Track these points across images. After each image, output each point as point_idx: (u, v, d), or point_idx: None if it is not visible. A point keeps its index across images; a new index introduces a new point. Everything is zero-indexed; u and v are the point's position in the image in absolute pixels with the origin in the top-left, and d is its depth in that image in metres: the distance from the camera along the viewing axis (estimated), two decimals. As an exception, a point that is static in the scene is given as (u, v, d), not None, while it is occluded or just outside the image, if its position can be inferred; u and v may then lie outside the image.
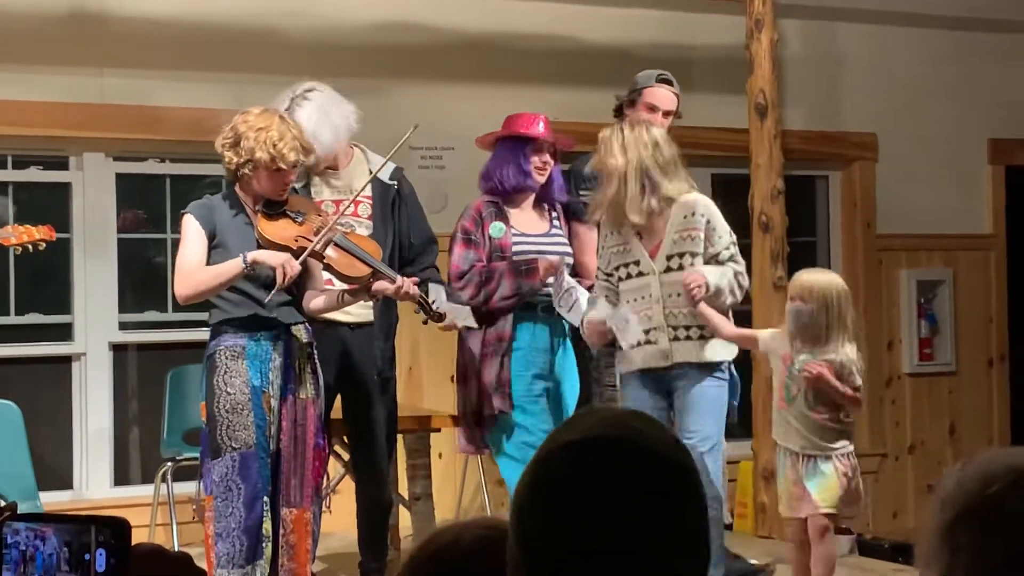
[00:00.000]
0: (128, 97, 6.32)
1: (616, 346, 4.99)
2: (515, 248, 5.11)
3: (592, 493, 1.36)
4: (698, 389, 4.89)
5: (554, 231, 5.22)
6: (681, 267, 4.90)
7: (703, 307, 4.80)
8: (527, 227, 5.17)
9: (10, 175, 6.41)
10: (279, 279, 4.28)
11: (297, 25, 6.58)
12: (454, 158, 6.71)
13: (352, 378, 4.97)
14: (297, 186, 4.86)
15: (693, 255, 4.90)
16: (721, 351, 4.93)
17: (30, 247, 4.86)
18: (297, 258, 4.40)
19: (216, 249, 4.43)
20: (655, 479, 1.37)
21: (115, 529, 1.33)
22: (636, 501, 1.36)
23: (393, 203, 5.08)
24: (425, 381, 6.75)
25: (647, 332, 4.92)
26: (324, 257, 4.49)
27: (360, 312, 4.96)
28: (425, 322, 4.83)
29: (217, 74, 6.45)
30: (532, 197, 5.20)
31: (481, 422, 5.09)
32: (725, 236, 4.96)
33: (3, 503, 4.41)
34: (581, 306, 4.99)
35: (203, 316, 6.72)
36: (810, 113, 7.58)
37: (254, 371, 4.36)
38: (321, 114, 4.90)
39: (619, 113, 5.60)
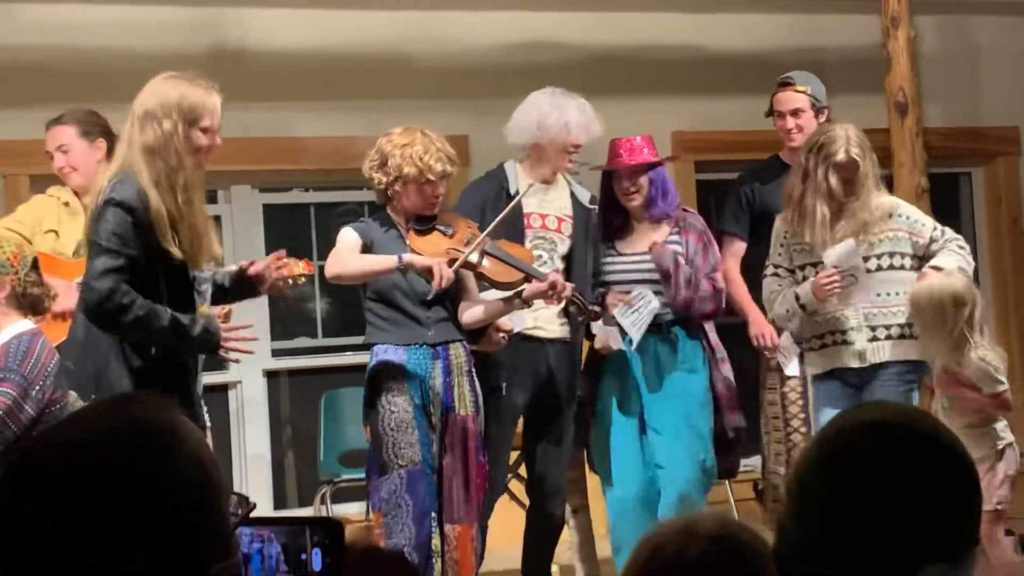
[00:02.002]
0: (271, 129, 6.48)
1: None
2: (604, 270, 5.11)
3: (882, 473, 1.41)
4: (892, 390, 4.84)
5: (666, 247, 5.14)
6: (879, 267, 4.89)
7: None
8: (630, 247, 5.13)
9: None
10: (435, 279, 4.32)
11: (430, 50, 6.68)
12: (591, 174, 6.74)
13: (545, 393, 4.98)
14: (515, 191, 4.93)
15: (898, 255, 4.89)
16: (912, 351, 4.87)
17: (290, 281, 4.46)
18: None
19: None
20: (941, 465, 1.41)
21: (329, 530, 1.39)
22: (925, 485, 1.42)
23: (592, 226, 5.13)
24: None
25: (843, 333, 4.90)
26: (477, 266, 4.54)
27: (557, 329, 5.00)
28: (583, 322, 4.85)
29: (355, 102, 6.58)
30: (644, 216, 5.14)
31: None
32: (929, 223, 4.96)
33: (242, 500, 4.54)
34: (644, 323, 4.94)
35: (351, 340, 6.86)
36: (949, 109, 7.47)
37: (415, 389, 4.42)
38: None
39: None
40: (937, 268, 4.81)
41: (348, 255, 4.46)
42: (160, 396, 1.27)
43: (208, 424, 4.38)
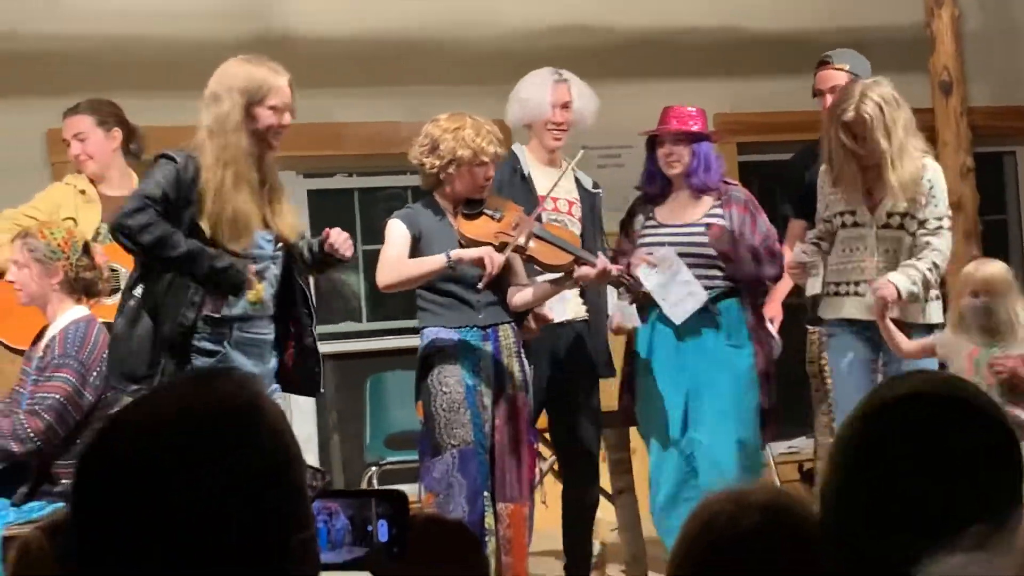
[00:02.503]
0: (313, 115, 6.49)
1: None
2: (640, 240, 5.12)
3: (920, 447, 1.42)
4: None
5: (704, 219, 5.13)
6: (902, 226, 4.87)
7: (887, 323, 4.73)
8: (671, 218, 5.13)
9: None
10: (487, 269, 4.34)
11: (471, 35, 6.70)
12: (633, 156, 6.75)
13: (565, 373, 5.01)
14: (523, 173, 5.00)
15: (913, 218, 4.87)
16: (936, 314, 4.86)
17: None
18: (500, 253, 4.48)
19: (423, 254, 4.49)
20: (983, 436, 1.42)
21: (394, 501, 1.41)
22: (965, 457, 1.43)
23: (596, 210, 5.19)
24: (617, 378, 6.78)
25: (856, 284, 4.90)
26: (526, 250, 4.56)
27: (573, 309, 5.04)
28: (632, 302, 4.89)
29: (396, 88, 6.61)
30: (685, 188, 5.17)
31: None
32: (941, 206, 4.92)
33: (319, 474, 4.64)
34: (686, 302, 4.94)
35: (395, 325, 6.90)
36: (994, 88, 7.42)
37: (466, 370, 4.44)
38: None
39: None
40: (890, 282, 4.75)
41: (398, 263, 4.46)
42: (243, 372, 1.32)
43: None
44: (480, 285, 4.41)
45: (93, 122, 5.11)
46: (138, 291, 4.02)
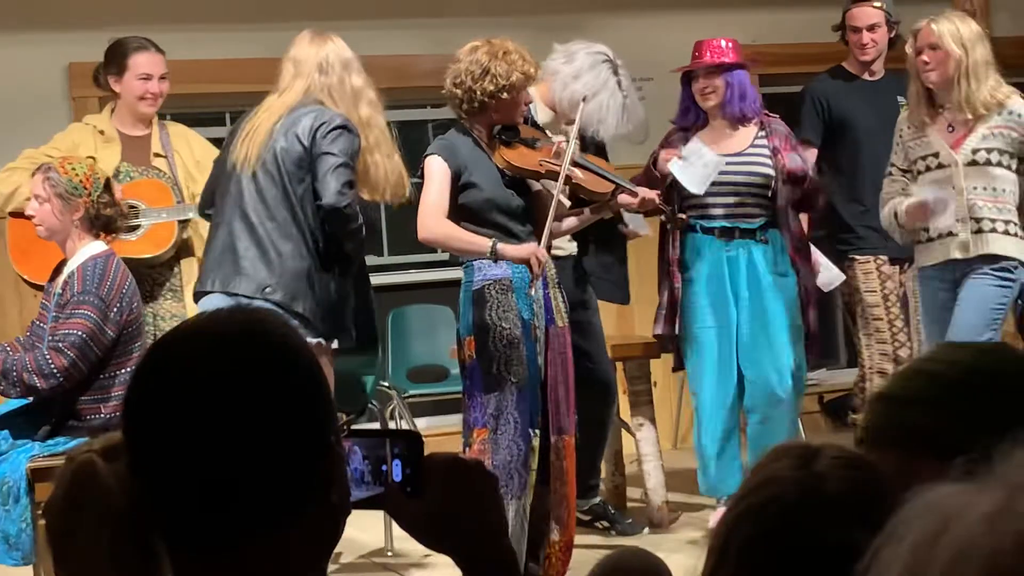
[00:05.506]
0: (334, 49, 6.48)
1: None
2: None
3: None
4: (978, 282, 4.83)
5: (751, 149, 5.17)
6: (988, 162, 4.85)
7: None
8: (716, 148, 5.13)
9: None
10: (534, 270, 4.31)
11: (492, -34, 6.64)
12: (654, 88, 6.71)
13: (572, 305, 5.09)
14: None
15: (1001, 152, 4.85)
16: (1014, 248, 4.85)
17: None
18: (538, 179, 4.48)
19: (467, 190, 4.42)
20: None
21: (409, 441, 1.42)
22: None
23: (602, 150, 5.23)
24: (636, 310, 6.80)
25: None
26: (572, 177, 4.54)
27: (565, 245, 5.12)
28: (671, 228, 4.99)
29: (418, 20, 6.57)
30: (723, 119, 5.17)
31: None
32: None
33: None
34: (707, 177, 4.99)
35: (417, 259, 6.91)
36: (1017, 17, 7.33)
37: (523, 304, 4.37)
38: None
39: (843, 39, 5.66)
40: None
41: (441, 222, 4.37)
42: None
43: None
44: (528, 288, 4.37)
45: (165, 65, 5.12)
46: None
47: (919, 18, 4.98)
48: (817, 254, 5.36)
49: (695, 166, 5.02)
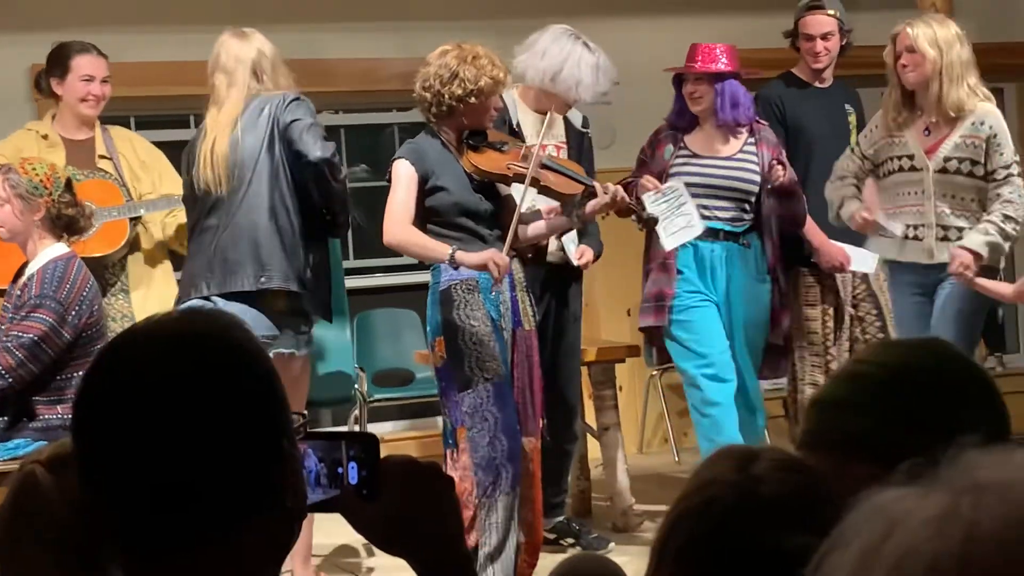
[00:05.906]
0: (301, 51, 6.45)
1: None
2: (673, 170, 5.13)
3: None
4: (957, 291, 4.85)
5: (739, 155, 5.18)
6: (959, 171, 4.89)
7: (980, 282, 4.74)
8: (706, 150, 5.16)
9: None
10: (494, 275, 4.28)
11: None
12: (621, 93, 6.72)
13: (548, 311, 5.10)
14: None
15: (973, 163, 4.88)
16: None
17: None
18: (508, 183, 4.49)
19: (435, 193, 4.42)
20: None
21: (365, 444, 1.41)
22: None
23: (585, 150, 5.23)
24: (602, 315, 6.81)
25: (915, 228, 4.92)
26: (541, 179, 4.54)
27: (552, 252, 5.13)
28: (642, 228, 4.97)
29: (385, 23, 6.56)
30: (713, 123, 5.18)
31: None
32: (1008, 154, 4.91)
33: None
34: (682, 233, 4.97)
35: (382, 263, 6.90)
36: (981, 24, 7.37)
37: (490, 304, 4.38)
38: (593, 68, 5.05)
39: (794, 45, 5.67)
40: (965, 248, 4.77)
41: (406, 228, 4.38)
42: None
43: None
44: (492, 290, 4.36)
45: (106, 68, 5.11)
46: None
47: (881, 22, 5.01)
48: (843, 245, 5.36)
49: (676, 213, 4.97)
